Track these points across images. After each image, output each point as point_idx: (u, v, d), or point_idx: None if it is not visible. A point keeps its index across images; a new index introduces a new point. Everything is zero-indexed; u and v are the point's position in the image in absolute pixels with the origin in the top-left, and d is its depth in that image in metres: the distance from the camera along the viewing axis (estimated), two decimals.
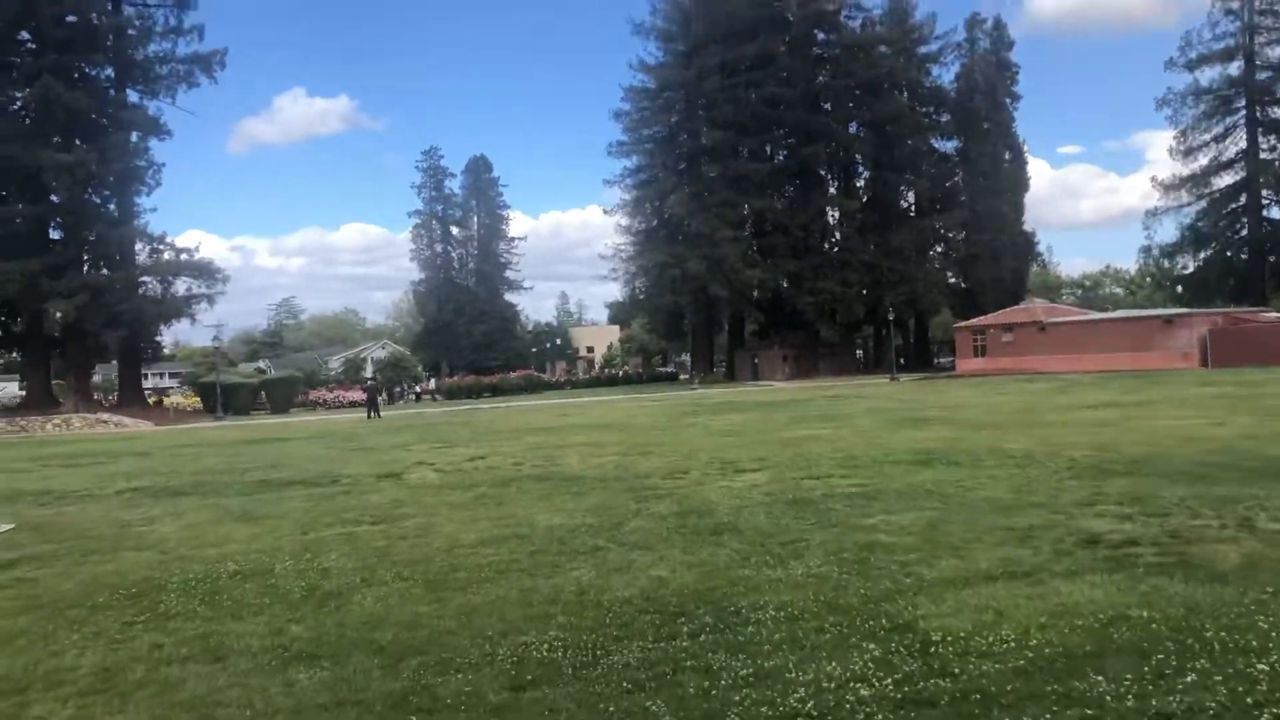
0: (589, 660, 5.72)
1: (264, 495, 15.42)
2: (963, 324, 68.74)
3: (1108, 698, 4.61)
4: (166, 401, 69.83)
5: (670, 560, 8.48)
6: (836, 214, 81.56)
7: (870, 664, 5.29)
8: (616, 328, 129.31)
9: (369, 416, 45.36)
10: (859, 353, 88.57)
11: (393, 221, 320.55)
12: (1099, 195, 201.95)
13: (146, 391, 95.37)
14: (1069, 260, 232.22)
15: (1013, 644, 5.49)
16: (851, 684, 5.00)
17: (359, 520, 11.90)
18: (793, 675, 5.21)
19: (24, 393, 61.70)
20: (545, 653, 5.91)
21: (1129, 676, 4.85)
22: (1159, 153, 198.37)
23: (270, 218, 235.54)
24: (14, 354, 64.30)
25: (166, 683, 5.75)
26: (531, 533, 10.28)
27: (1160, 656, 5.15)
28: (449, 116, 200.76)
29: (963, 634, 5.75)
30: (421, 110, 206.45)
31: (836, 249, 79.62)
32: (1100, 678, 4.86)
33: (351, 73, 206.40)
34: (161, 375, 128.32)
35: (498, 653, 5.97)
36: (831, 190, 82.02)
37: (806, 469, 14.73)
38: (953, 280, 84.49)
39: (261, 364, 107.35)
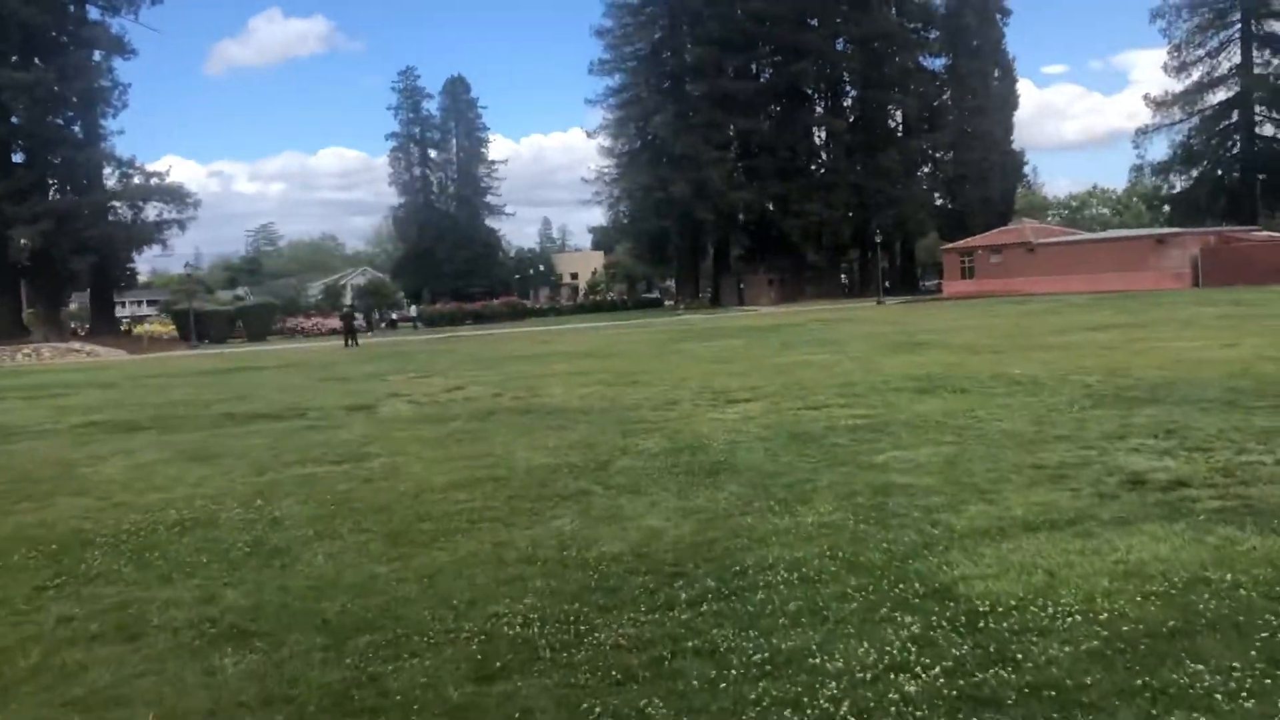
0: (570, 638, 4.79)
1: (225, 430, 14.44)
2: (950, 245, 67.76)
3: (1217, 695, 3.69)
4: (140, 330, 68.25)
5: (663, 507, 7.55)
6: (823, 134, 79.98)
7: (910, 645, 4.37)
8: (600, 254, 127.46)
9: (346, 344, 44.29)
10: (844, 277, 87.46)
11: (372, 146, 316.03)
12: (1084, 115, 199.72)
13: (124, 320, 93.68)
14: (1053, 181, 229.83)
15: (1077, 617, 4.58)
16: (892, 674, 4.08)
17: (322, 459, 10.93)
18: (817, 661, 4.29)
19: None
20: (519, 628, 4.98)
21: (1235, 665, 3.93)
22: (1144, 72, 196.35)
23: (248, 142, 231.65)
24: None
25: (64, 670, 4.80)
26: (509, 474, 9.33)
27: (1264, 635, 4.24)
28: (427, 36, 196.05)
29: (1014, 602, 4.84)
30: (400, 31, 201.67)
31: (823, 170, 78.26)
32: (1199, 666, 3.95)
33: None
34: (140, 303, 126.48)
35: (462, 628, 5.04)
36: (818, 110, 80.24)
37: (803, 398, 13.82)
38: (940, 201, 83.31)
39: (240, 291, 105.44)
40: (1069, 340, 21.90)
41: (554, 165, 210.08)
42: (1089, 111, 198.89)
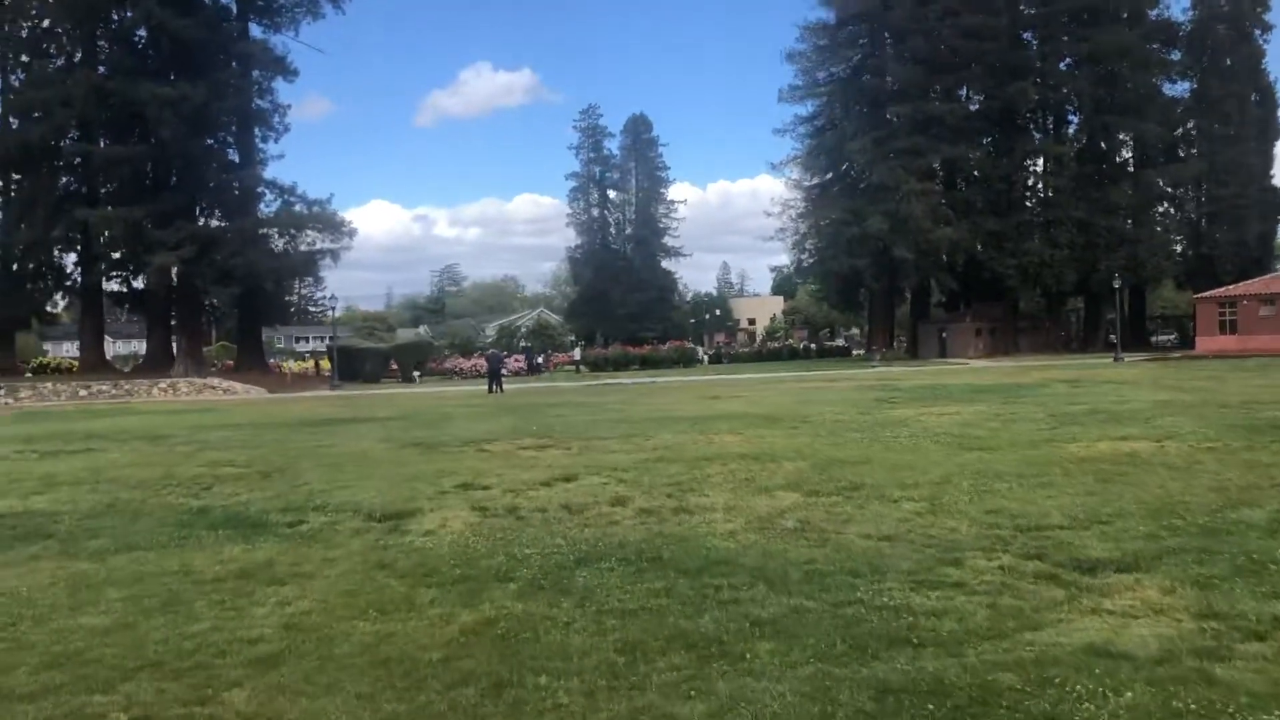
0: None
1: (125, 557, 8.15)
2: (1205, 294, 56.96)
3: None
4: (287, 366, 65.12)
5: None
6: (1043, 165, 69.83)
7: None
8: (780, 298, 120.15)
9: (490, 390, 38.54)
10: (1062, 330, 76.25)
11: (565, 192, 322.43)
12: None
13: (307, 354, 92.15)
14: None
15: None
16: None
17: None
18: None
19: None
20: None
21: None
22: None
23: (451, 188, 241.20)
24: (130, 312, 60.57)
25: None
26: None
27: None
28: (627, 90, 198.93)
29: None
30: (602, 85, 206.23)
31: (1043, 206, 68.14)
32: None
33: (535, 46, 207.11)
34: (323, 339, 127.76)
35: None
36: (1038, 138, 69.99)
37: (1261, 577, 6.24)
38: (1180, 244, 71.61)
39: (421, 329, 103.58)
40: None
41: (739, 211, 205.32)
42: None
